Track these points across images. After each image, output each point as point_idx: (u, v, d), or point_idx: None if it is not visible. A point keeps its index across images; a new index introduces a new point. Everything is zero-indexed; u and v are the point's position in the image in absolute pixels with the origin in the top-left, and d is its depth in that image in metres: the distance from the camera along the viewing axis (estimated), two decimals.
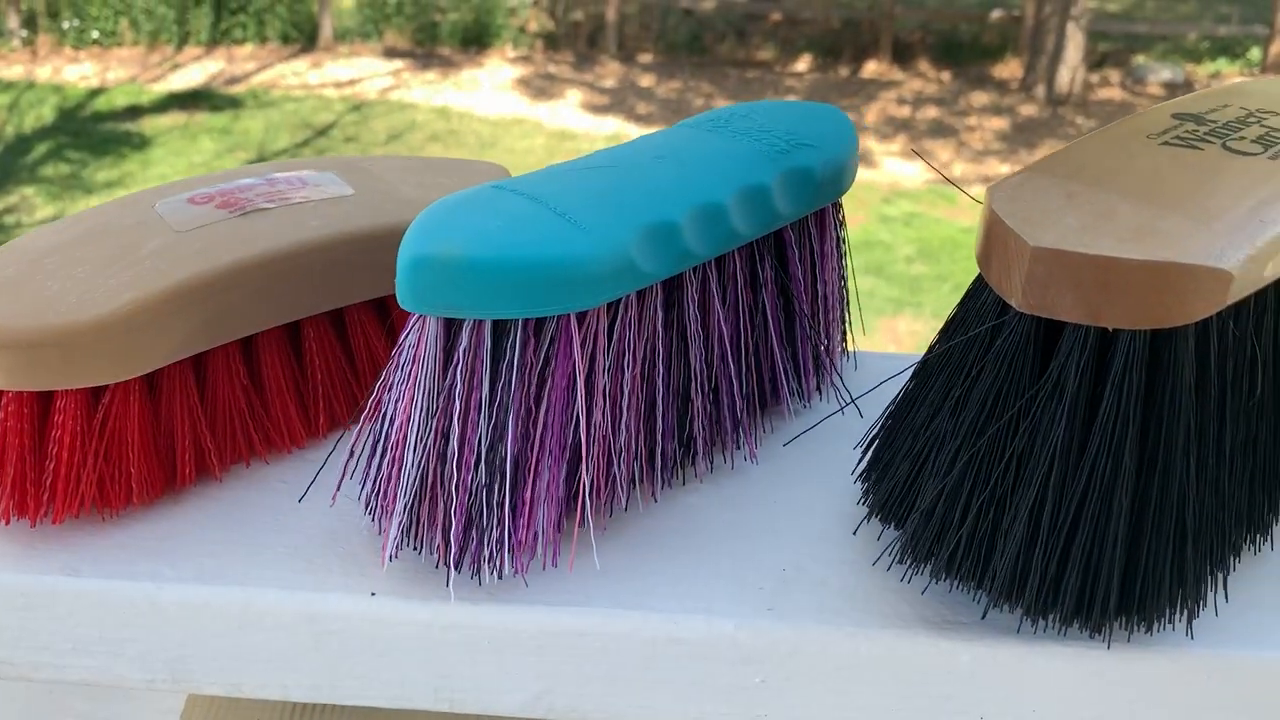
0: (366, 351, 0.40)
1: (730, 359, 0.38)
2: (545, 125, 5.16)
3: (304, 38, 5.96)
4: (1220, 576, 0.34)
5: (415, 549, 0.35)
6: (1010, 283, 0.30)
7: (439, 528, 0.33)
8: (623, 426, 0.36)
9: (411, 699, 0.36)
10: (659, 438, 0.37)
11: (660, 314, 0.36)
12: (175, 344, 0.35)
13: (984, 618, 0.33)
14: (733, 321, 0.39)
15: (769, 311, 0.40)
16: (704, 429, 0.39)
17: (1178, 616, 0.32)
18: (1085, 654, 0.33)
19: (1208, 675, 0.33)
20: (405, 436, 0.33)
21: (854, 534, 0.36)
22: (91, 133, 4.88)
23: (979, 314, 0.33)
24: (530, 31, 6.11)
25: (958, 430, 0.32)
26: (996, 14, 6.07)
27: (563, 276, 0.32)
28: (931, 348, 0.35)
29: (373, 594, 0.35)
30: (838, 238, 0.43)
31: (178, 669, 0.36)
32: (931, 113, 5.40)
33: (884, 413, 0.37)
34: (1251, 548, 0.36)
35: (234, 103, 5.29)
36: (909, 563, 0.34)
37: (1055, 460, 0.31)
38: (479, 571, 0.34)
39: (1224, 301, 0.30)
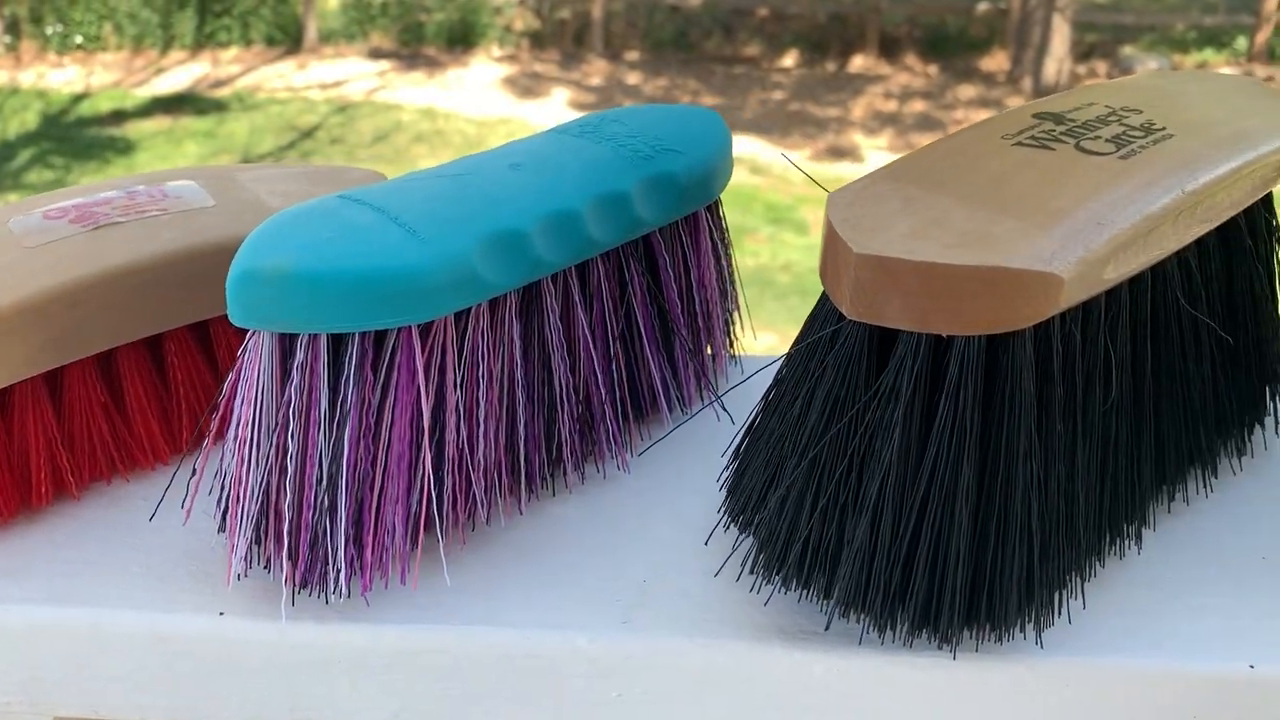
0: (232, 364, 0.40)
1: (599, 368, 0.38)
2: (532, 124, 5.14)
3: (289, 40, 5.95)
4: (1078, 583, 0.34)
5: (265, 567, 0.34)
6: (841, 290, 0.30)
7: (284, 546, 0.33)
8: (480, 439, 0.35)
9: None
10: (522, 450, 0.37)
11: (516, 324, 0.35)
12: (20, 361, 0.35)
13: (828, 629, 0.33)
14: (601, 330, 0.38)
15: (640, 319, 0.39)
16: (572, 439, 0.38)
17: (1028, 625, 0.32)
18: (939, 663, 0.32)
19: (1064, 683, 0.33)
20: (246, 454, 0.33)
21: (705, 544, 0.35)
22: (76, 138, 4.87)
23: (823, 319, 0.32)
24: (516, 30, 6.10)
25: (800, 437, 0.32)
26: (983, 6, 6.06)
27: (397, 288, 0.31)
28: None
29: (221, 613, 0.34)
30: (717, 241, 0.42)
31: (33, 691, 0.36)
32: (918, 106, 5.39)
33: (747, 418, 0.36)
34: (1116, 552, 0.36)
35: (219, 106, 5.28)
36: (758, 572, 0.33)
37: (893, 468, 0.30)
38: (325, 591, 0.33)
39: (1057, 306, 0.29)
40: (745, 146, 4.55)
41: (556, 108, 5.36)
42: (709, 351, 0.44)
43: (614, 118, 0.40)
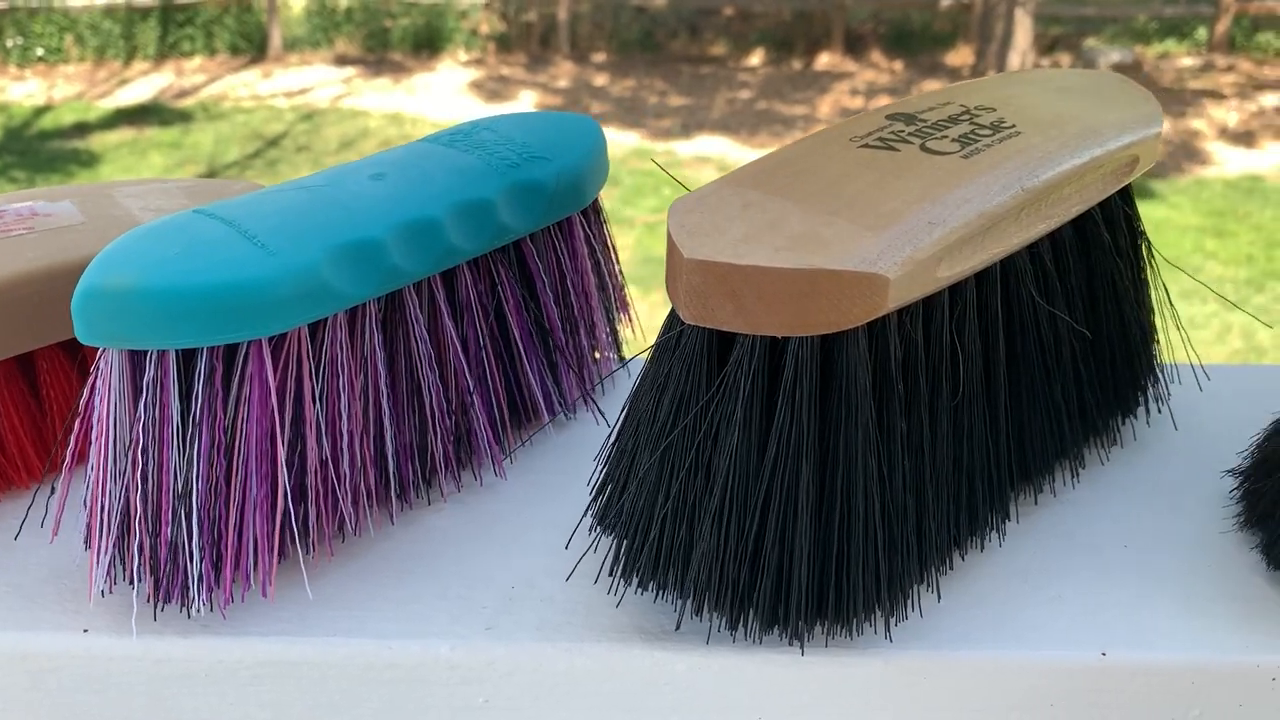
0: None
1: (472, 376, 0.38)
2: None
3: (253, 48, 5.92)
4: (934, 576, 0.34)
5: (129, 583, 0.34)
6: (678, 295, 0.30)
7: (145, 561, 0.33)
8: (345, 452, 0.35)
9: None
10: (392, 461, 0.37)
11: (379, 334, 0.36)
12: None
13: (678, 629, 0.33)
14: (473, 338, 0.38)
15: (515, 326, 0.39)
16: (446, 449, 0.38)
17: (878, 620, 0.32)
18: (796, 659, 0.33)
19: (921, 676, 0.33)
20: (104, 470, 0.33)
21: (565, 548, 0.36)
22: (39, 151, 4.83)
23: (671, 322, 0.33)
24: (482, 34, 6.09)
25: (651, 439, 0.32)
26: (946, 2, 6.09)
27: (242, 302, 0.31)
28: None
29: (85, 630, 0.34)
30: (595, 246, 0.42)
31: None
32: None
33: (615, 422, 0.37)
34: (977, 544, 0.36)
35: (183, 116, 5.25)
36: (615, 574, 0.34)
37: (735, 468, 0.31)
38: (186, 605, 0.33)
39: (884, 306, 0.30)
40: (713, 146, 4.56)
41: (524, 110, 5.35)
42: (596, 356, 0.44)
43: (486, 125, 0.41)
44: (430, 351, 0.37)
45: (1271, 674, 0.33)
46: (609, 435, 0.37)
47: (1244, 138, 4.74)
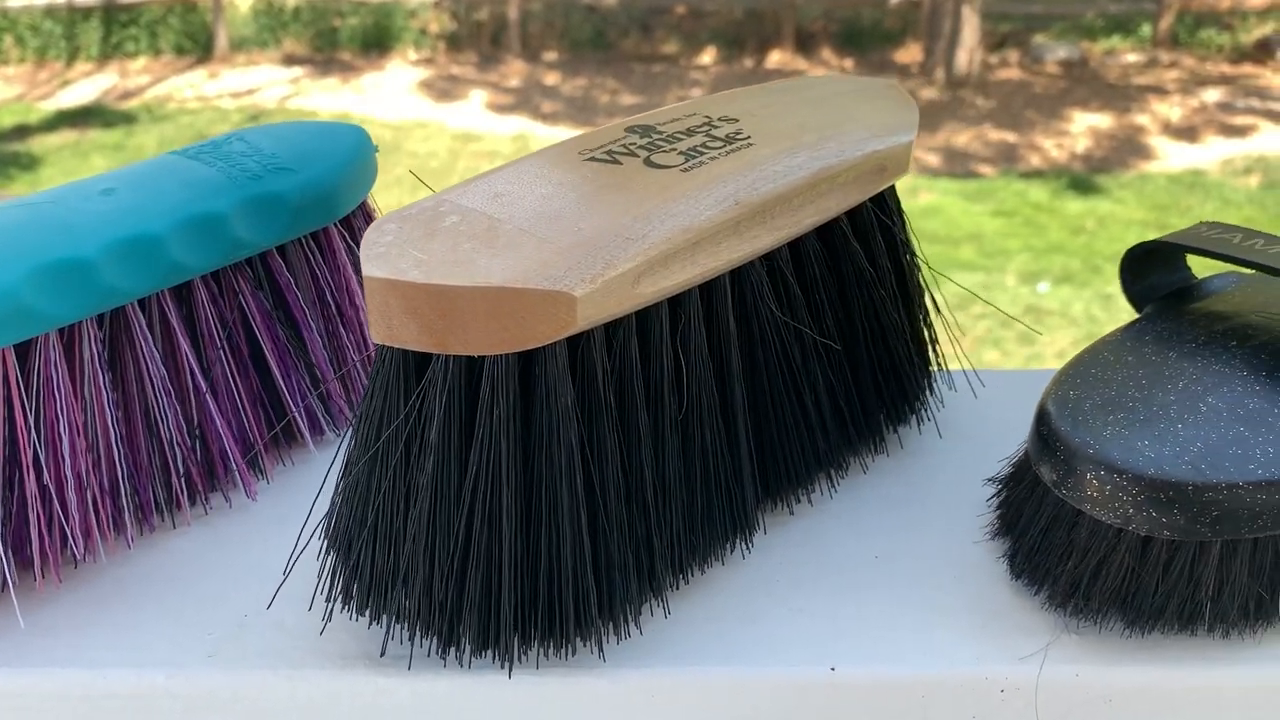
0: None
1: (214, 396, 0.37)
2: (449, 127, 5.11)
3: (199, 49, 5.84)
4: (661, 593, 0.34)
5: None
6: (369, 313, 0.30)
7: None
8: (69, 475, 0.34)
9: None
10: (125, 484, 0.36)
11: (100, 354, 0.35)
12: None
13: (383, 655, 0.33)
14: (216, 357, 0.38)
15: (266, 343, 0.39)
16: (190, 470, 0.37)
17: (591, 640, 0.32)
18: (522, 681, 0.32)
19: (649, 694, 0.33)
20: None
21: (285, 573, 0.35)
22: None
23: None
24: (432, 33, 6.05)
25: (355, 460, 0.32)
26: None
27: None
28: None
29: None
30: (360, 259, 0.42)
31: None
32: None
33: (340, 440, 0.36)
34: (719, 558, 0.36)
35: (127, 118, 5.17)
36: (335, 598, 0.33)
37: (435, 490, 0.30)
38: None
39: (575, 324, 0.29)
40: None
41: (474, 110, 5.32)
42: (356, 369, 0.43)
43: (238, 136, 0.40)
44: (163, 372, 0.36)
45: (1000, 685, 0.33)
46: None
47: (1187, 133, 4.81)
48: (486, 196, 0.32)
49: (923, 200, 4.11)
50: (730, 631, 0.34)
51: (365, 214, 0.42)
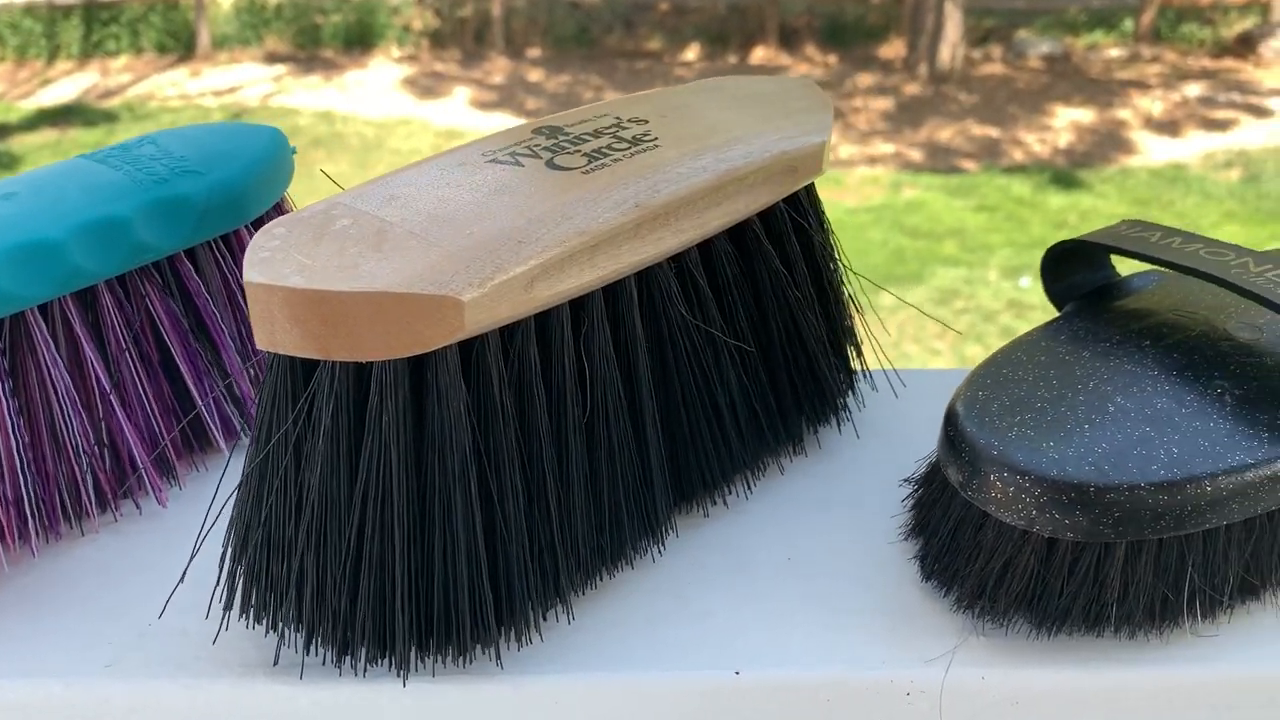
0: None
1: (120, 402, 0.37)
2: (432, 125, 5.10)
3: (181, 47, 5.82)
4: (565, 598, 0.34)
5: None
6: (251, 320, 0.29)
7: None
8: None
9: None
10: (29, 491, 0.35)
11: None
12: None
13: (276, 664, 0.32)
14: (124, 362, 0.37)
15: (176, 348, 0.38)
16: (98, 477, 0.37)
17: (490, 648, 0.32)
18: (419, 689, 0.32)
19: (550, 701, 0.33)
20: None
21: (181, 579, 0.34)
22: None
23: None
24: (415, 30, 6.03)
25: (248, 468, 0.31)
26: None
27: None
28: None
29: None
30: None
31: None
32: None
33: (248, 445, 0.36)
34: (629, 561, 0.36)
35: (109, 117, 5.14)
36: (234, 607, 0.33)
37: (325, 496, 0.30)
38: None
39: (463, 329, 0.29)
40: None
41: (458, 107, 5.31)
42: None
43: (151, 139, 0.39)
44: (68, 379, 0.35)
45: (906, 689, 0.33)
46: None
47: (1168, 127, 4.82)
48: (381, 199, 0.31)
49: (906, 195, 4.11)
50: (634, 636, 0.34)
51: (281, 215, 0.41)
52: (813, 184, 0.40)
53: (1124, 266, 0.43)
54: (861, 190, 4.27)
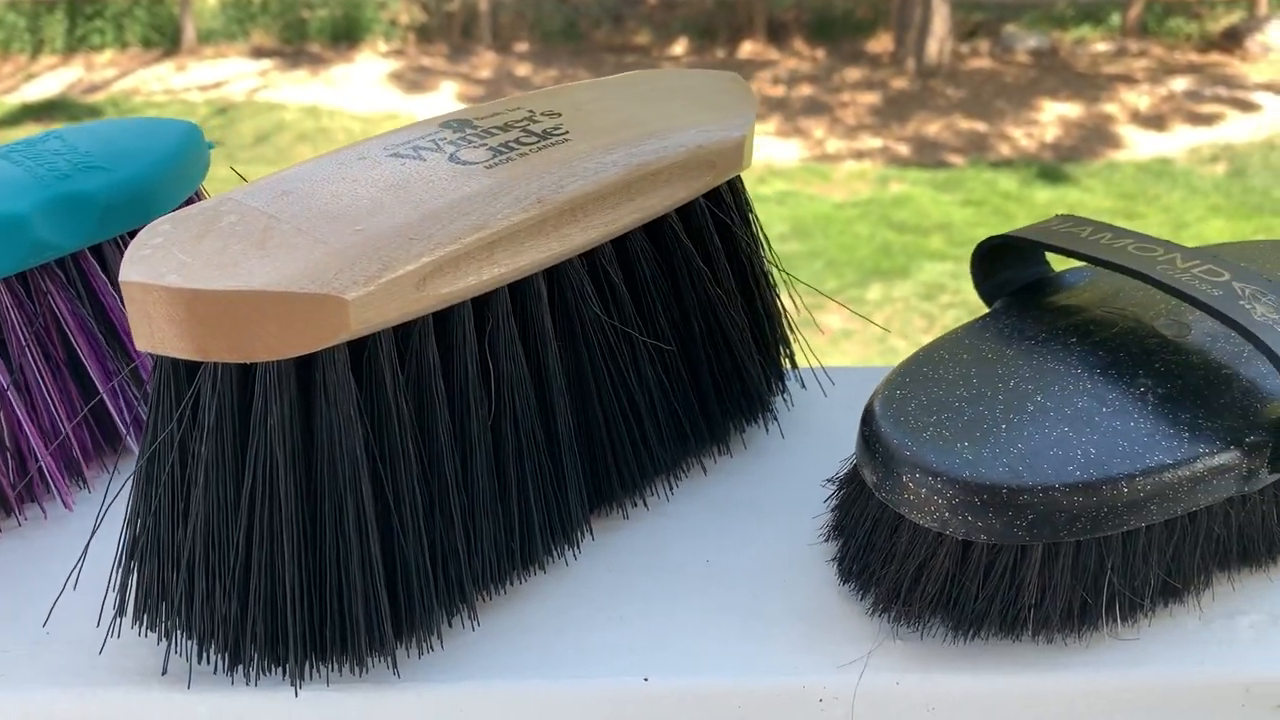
0: None
1: (20, 403, 0.36)
2: (419, 119, 5.06)
3: (167, 41, 5.78)
4: (470, 604, 0.33)
5: None
6: (130, 320, 0.28)
7: None
8: None
9: None
10: None
11: None
12: None
13: (165, 673, 0.31)
14: (26, 362, 0.36)
15: (80, 346, 0.37)
16: None
17: (385, 656, 0.31)
18: (315, 698, 0.31)
19: (454, 710, 0.32)
20: None
21: (74, 587, 0.33)
22: None
23: None
24: (402, 24, 6.00)
25: (135, 471, 0.30)
26: None
27: None
28: None
29: None
30: None
31: None
32: (806, 90, 5.43)
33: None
34: (540, 566, 0.35)
35: (93, 112, 5.11)
36: (127, 614, 0.32)
37: (212, 502, 0.29)
38: None
39: (348, 328, 0.28)
40: None
41: (445, 101, 5.29)
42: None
43: (58, 135, 0.38)
44: None
45: (819, 695, 0.32)
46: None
47: (1154, 121, 4.82)
48: (273, 195, 0.31)
49: (893, 190, 4.11)
50: (543, 642, 0.33)
51: None
52: (738, 179, 0.39)
53: (1063, 263, 0.42)
54: (848, 185, 4.26)
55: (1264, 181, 4.09)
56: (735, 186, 0.39)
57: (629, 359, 0.36)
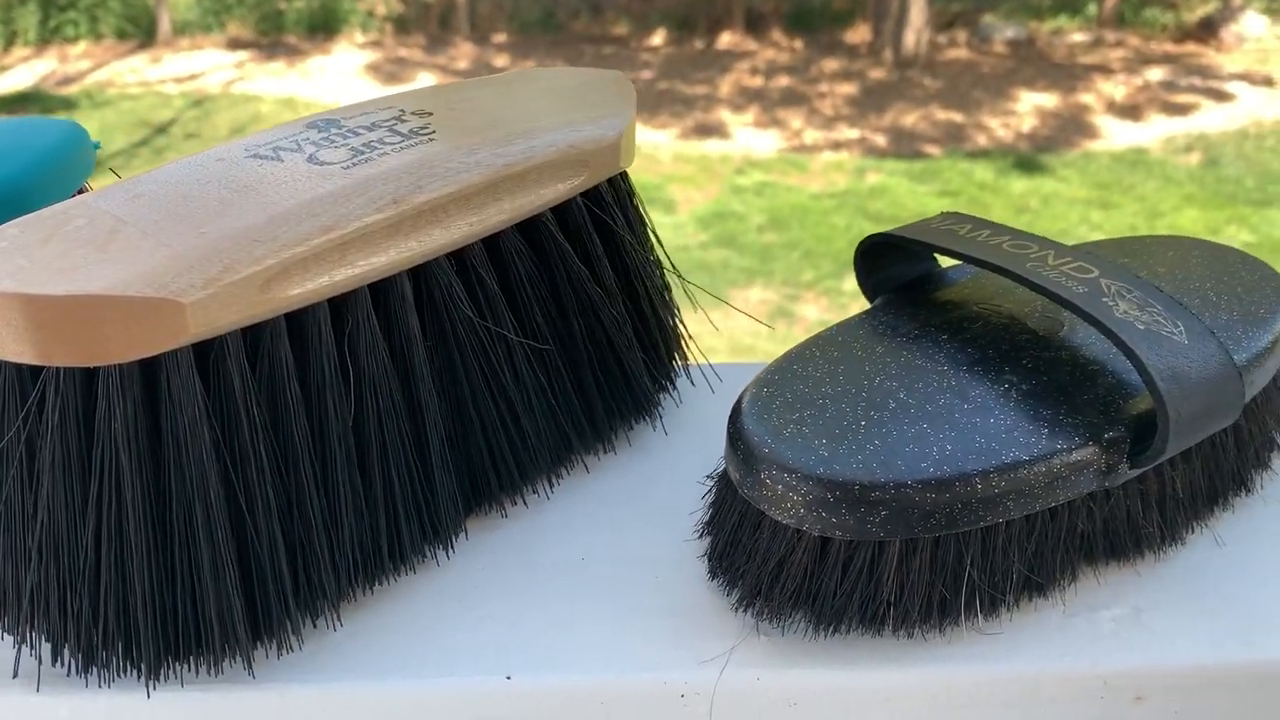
0: None
1: None
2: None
3: (141, 33, 5.74)
4: (332, 604, 0.33)
5: None
6: None
7: None
8: None
9: None
10: None
11: None
12: None
13: (15, 676, 0.31)
14: None
15: None
16: None
17: (240, 657, 0.31)
18: (170, 696, 0.31)
19: (318, 711, 0.32)
20: None
21: None
22: None
23: None
24: (379, 15, 5.98)
25: None
26: None
27: None
28: None
29: None
30: None
31: None
32: (784, 81, 5.43)
33: None
34: (410, 565, 0.35)
35: (67, 104, 5.08)
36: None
37: (59, 505, 0.29)
38: None
39: (187, 331, 0.28)
40: None
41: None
42: None
43: None
44: None
45: (680, 690, 0.33)
46: None
47: (1130, 111, 4.84)
48: (125, 198, 0.31)
49: (869, 181, 4.11)
50: (408, 642, 0.33)
51: None
52: (622, 178, 0.39)
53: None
54: (826, 176, 4.26)
55: (1237, 171, 4.12)
56: (617, 185, 0.39)
57: (504, 359, 0.36)
